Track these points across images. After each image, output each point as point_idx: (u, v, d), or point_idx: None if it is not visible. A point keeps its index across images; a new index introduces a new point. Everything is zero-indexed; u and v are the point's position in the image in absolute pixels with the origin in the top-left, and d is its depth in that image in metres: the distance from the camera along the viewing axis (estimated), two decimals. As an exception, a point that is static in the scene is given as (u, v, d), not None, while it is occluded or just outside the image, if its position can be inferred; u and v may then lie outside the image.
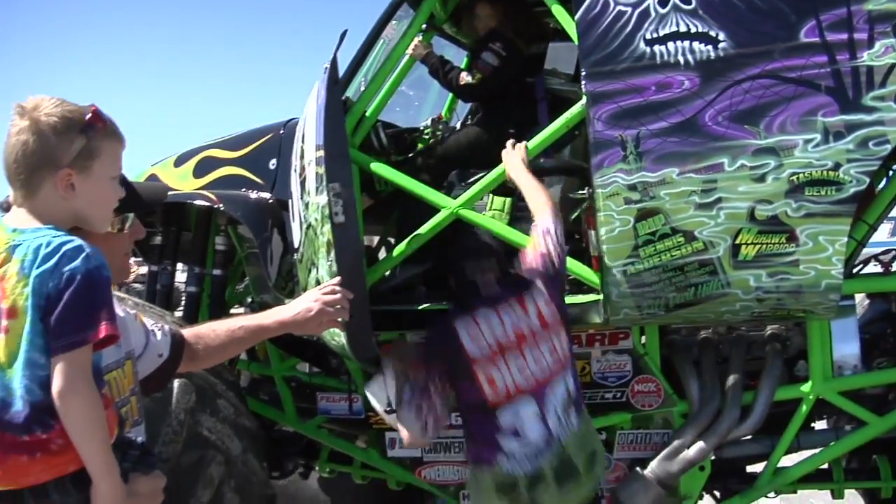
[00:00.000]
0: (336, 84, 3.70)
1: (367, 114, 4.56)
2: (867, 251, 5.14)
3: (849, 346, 4.07)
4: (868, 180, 3.51)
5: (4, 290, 2.10)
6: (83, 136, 2.21)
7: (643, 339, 4.16)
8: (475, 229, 3.69)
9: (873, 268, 4.98)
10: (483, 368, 3.31)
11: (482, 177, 4.19)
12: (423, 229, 4.17)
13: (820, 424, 4.80)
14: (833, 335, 4.04)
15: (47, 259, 2.09)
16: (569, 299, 3.78)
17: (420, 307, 4.25)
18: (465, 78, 4.58)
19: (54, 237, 2.14)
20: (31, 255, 2.10)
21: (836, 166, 3.50)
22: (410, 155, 5.15)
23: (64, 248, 2.11)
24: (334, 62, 3.62)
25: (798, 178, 3.53)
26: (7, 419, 2.07)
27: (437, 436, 3.50)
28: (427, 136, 5.33)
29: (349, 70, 4.40)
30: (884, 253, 4.89)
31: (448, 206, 4.10)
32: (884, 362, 4.28)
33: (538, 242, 3.58)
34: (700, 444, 3.98)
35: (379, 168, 4.31)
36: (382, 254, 5.47)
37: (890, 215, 4.26)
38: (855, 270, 4.76)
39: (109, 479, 2.10)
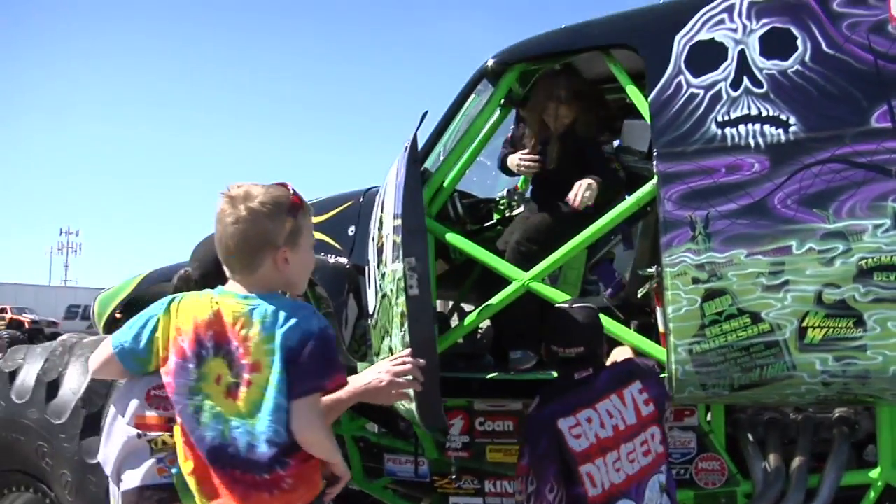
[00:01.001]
0: (415, 163, 3.84)
1: (445, 184, 4.70)
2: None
3: None
4: None
5: (248, 349, 2.47)
6: (291, 217, 2.59)
7: (709, 416, 4.16)
8: (570, 310, 3.59)
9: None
10: (584, 466, 3.28)
11: None
12: (495, 300, 4.25)
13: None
14: (905, 420, 4.00)
15: (288, 319, 2.47)
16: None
17: (488, 376, 4.33)
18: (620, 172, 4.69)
19: (286, 302, 2.55)
20: (272, 317, 2.48)
21: None
22: (486, 224, 5.28)
23: (300, 311, 2.52)
24: (415, 141, 3.76)
25: (867, 263, 3.54)
26: (254, 460, 2.43)
27: None
28: (503, 207, 5.44)
29: (428, 143, 4.56)
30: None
31: (519, 278, 4.18)
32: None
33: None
34: (762, 527, 3.94)
35: (453, 238, 4.42)
36: (455, 320, 5.57)
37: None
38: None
39: (342, 461, 2.68)
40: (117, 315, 5.45)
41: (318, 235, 4.83)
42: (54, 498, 4.24)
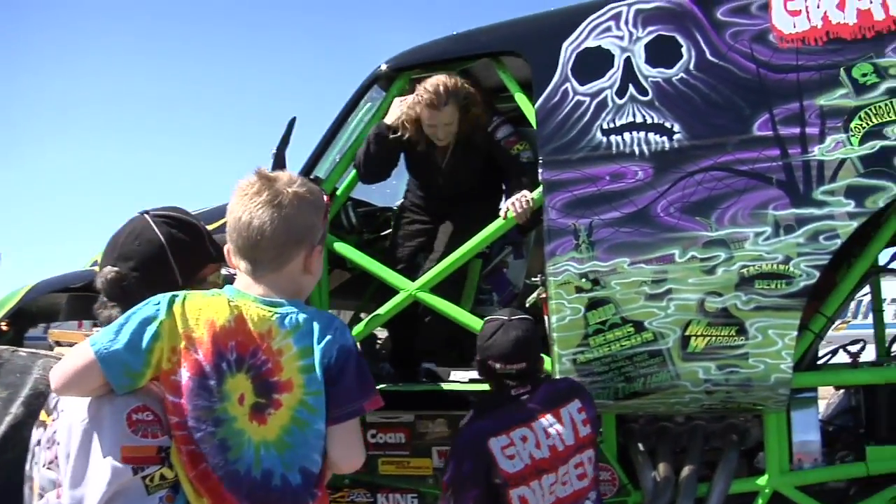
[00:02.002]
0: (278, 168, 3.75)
1: (338, 193, 4.62)
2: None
3: (809, 439, 4.01)
4: (818, 274, 3.50)
5: (280, 364, 2.09)
6: (324, 216, 2.26)
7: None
8: (510, 324, 3.30)
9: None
10: (517, 489, 3.02)
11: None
12: (382, 310, 4.19)
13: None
14: (793, 427, 3.99)
15: (325, 332, 2.12)
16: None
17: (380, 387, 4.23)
18: (528, 156, 4.29)
19: (315, 311, 2.18)
20: (305, 328, 2.11)
21: (787, 260, 3.51)
22: (383, 233, 5.19)
23: (334, 322, 2.16)
24: (279, 154, 3.68)
25: (748, 271, 3.54)
26: (288, 493, 2.08)
27: None
28: (401, 216, 5.36)
29: (318, 149, 4.47)
30: (852, 343, 4.83)
31: (406, 288, 4.12)
32: (847, 456, 4.22)
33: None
34: (651, 537, 3.91)
35: (341, 248, 4.34)
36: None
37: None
38: (824, 360, 4.73)
39: None
40: (3, 327, 5.27)
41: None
42: None
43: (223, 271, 2.46)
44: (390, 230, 5.24)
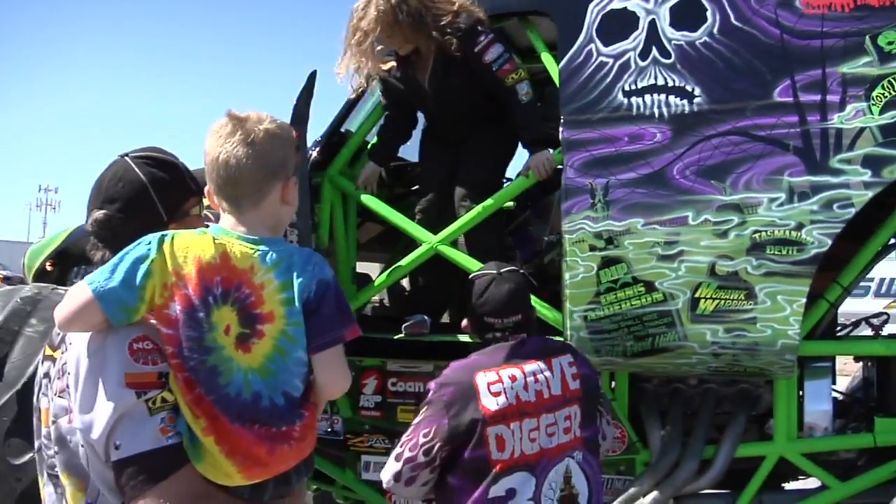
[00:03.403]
0: (303, 119, 3.86)
1: (370, 146, 4.70)
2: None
3: (820, 408, 4.04)
4: (830, 242, 3.52)
5: (262, 297, 2.30)
6: (295, 149, 2.47)
7: (613, 384, 4.19)
8: (501, 277, 3.28)
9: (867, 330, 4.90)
10: (495, 426, 2.95)
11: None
12: (404, 262, 4.29)
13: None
14: (806, 396, 4.03)
15: (305, 267, 2.34)
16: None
17: (396, 336, 4.34)
18: (526, 90, 4.19)
19: (295, 248, 2.42)
20: (286, 264, 2.33)
21: (799, 227, 3.53)
22: (413, 188, 5.27)
23: (313, 258, 2.39)
24: (298, 110, 3.78)
25: (760, 236, 3.56)
26: (276, 414, 2.29)
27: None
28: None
29: (349, 103, 4.55)
30: (875, 316, 4.82)
31: (428, 240, 4.20)
32: (858, 427, 4.24)
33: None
34: (655, 494, 3.96)
35: (367, 200, 4.43)
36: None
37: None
38: (845, 332, 4.74)
39: None
40: (48, 267, 5.47)
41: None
42: None
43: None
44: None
